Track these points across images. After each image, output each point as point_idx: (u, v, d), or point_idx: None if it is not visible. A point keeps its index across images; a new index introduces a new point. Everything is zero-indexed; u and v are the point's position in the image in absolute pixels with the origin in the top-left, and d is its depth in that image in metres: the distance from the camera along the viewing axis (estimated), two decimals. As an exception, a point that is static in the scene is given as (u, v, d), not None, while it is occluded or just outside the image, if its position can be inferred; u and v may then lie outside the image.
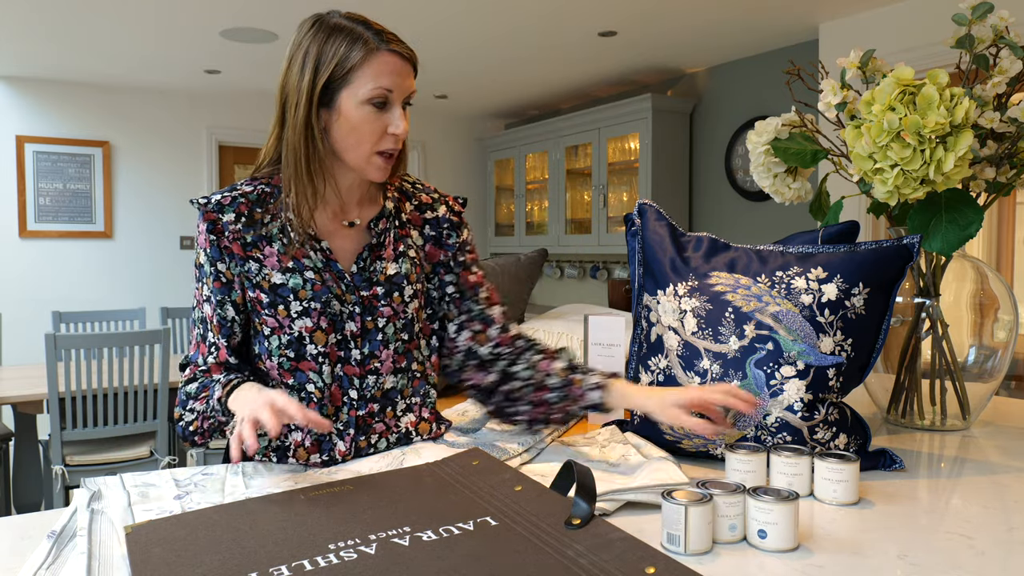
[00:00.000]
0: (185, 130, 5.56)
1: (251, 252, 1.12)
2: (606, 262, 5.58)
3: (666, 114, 4.79)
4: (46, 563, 0.78)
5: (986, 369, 1.41)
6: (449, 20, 3.82)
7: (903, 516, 0.96)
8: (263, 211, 1.14)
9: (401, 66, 1.10)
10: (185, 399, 1.13)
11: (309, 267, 1.13)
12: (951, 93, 1.16)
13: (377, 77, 1.07)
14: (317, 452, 1.14)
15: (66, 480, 3.06)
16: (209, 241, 1.11)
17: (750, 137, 1.45)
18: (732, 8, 3.67)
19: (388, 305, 1.16)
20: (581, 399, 1.18)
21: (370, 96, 1.07)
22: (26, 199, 5.08)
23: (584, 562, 0.72)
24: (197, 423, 1.11)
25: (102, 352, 3.07)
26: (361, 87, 1.07)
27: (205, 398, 1.10)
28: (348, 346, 1.14)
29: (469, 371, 1.25)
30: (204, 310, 1.14)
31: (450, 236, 1.24)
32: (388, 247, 1.18)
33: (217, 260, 1.12)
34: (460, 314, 1.24)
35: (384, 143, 1.11)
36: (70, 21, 3.82)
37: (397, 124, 1.10)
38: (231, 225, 1.11)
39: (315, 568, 0.72)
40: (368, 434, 1.17)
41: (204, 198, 1.13)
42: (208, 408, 1.09)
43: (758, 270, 1.18)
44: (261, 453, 1.16)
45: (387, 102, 1.09)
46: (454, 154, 6.58)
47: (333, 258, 1.14)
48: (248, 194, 1.14)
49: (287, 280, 1.11)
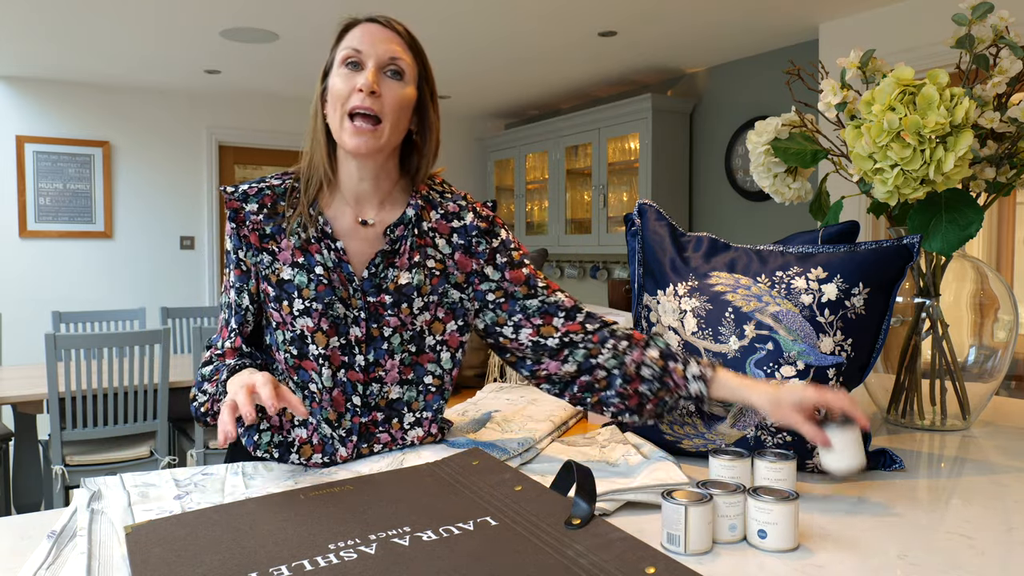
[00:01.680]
0: (185, 130, 5.56)
1: (267, 244, 1.13)
2: (606, 262, 5.58)
3: (666, 114, 4.79)
4: (46, 563, 0.78)
5: (986, 369, 1.41)
6: (449, 20, 3.82)
7: (903, 516, 0.96)
8: (287, 204, 1.15)
9: (376, 30, 1.12)
10: (200, 380, 1.14)
11: (320, 263, 1.12)
12: (951, 93, 1.16)
13: (349, 41, 1.12)
14: (321, 452, 1.14)
15: (66, 480, 3.06)
16: (232, 229, 1.14)
17: (750, 137, 1.45)
18: (732, 8, 3.66)
19: (395, 315, 1.13)
20: (680, 389, 1.10)
21: (342, 58, 1.11)
22: (26, 199, 5.08)
23: (584, 562, 0.72)
24: (208, 404, 1.12)
25: (102, 352, 3.07)
26: (338, 54, 1.12)
27: (216, 381, 1.11)
28: (352, 351, 1.13)
29: (544, 361, 1.17)
30: (230, 295, 1.16)
31: (480, 243, 1.18)
32: (403, 256, 1.14)
33: (238, 248, 1.14)
34: (513, 314, 1.17)
35: (352, 100, 1.09)
36: (70, 21, 3.82)
37: (364, 78, 1.08)
38: (252, 215, 1.13)
39: (315, 568, 0.72)
40: (371, 443, 1.15)
41: (233, 187, 1.15)
42: (217, 391, 1.10)
43: (758, 270, 1.18)
44: (263, 449, 1.15)
45: (359, 63, 1.10)
46: (454, 154, 6.58)
47: (345, 259, 1.12)
48: (275, 187, 1.16)
49: (294, 276, 1.12)
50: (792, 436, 1.11)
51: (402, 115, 1.12)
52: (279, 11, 3.65)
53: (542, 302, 1.17)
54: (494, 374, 1.90)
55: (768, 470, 0.97)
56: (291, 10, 3.62)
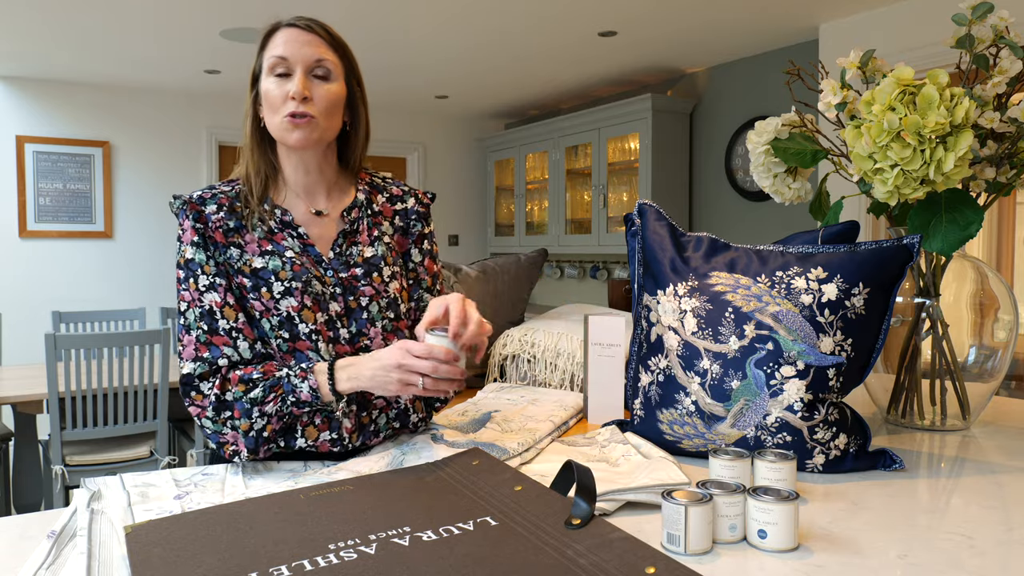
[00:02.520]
0: (185, 130, 5.56)
1: (232, 239, 1.16)
2: (606, 262, 5.58)
3: (666, 114, 4.79)
4: (46, 563, 0.78)
5: (986, 369, 1.41)
6: (449, 20, 3.82)
7: (903, 516, 0.96)
8: (243, 205, 1.19)
9: (297, 35, 1.17)
10: (249, 406, 1.08)
11: (288, 248, 1.17)
12: (951, 93, 1.16)
13: (272, 48, 1.17)
14: (327, 430, 1.14)
15: (66, 480, 3.06)
16: (196, 230, 1.15)
17: (750, 137, 1.45)
18: (732, 8, 3.67)
19: (368, 284, 1.20)
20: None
21: (270, 66, 1.16)
22: (26, 199, 5.08)
23: (584, 562, 0.72)
24: (272, 426, 1.10)
25: (102, 352, 3.07)
26: (265, 62, 1.18)
27: (278, 397, 1.08)
28: (335, 326, 1.17)
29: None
30: (205, 301, 1.13)
31: (415, 226, 1.30)
32: (363, 233, 1.23)
33: (204, 248, 1.15)
34: (410, 299, 1.27)
35: (286, 107, 1.15)
36: (70, 21, 3.82)
37: (294, 86, 1.14)
38: (214, 215, 1.16)
39: (315, 568, 0.72)
40: (369, 409, 1.19)
41: (183, 196, 1.18)
42: (285, 406, 1.09)
43: (758, 270, 1.18)
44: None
45: (287, 71, 1.16)
46: (454, 154, 6.58)
47: (310, 242, 1.19)
48: (227, 191, 1.20)
49: (267, 263, 1.15)
50: (792, 436, 1.11)
51: (334, 111, 1.19)
52: (279, 11, 3.64)
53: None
54: (494, 374, 1.90)
55: (768, 470, 0.97)
56: (291, 10, 3.61)
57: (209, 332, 1.12)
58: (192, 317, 1.13)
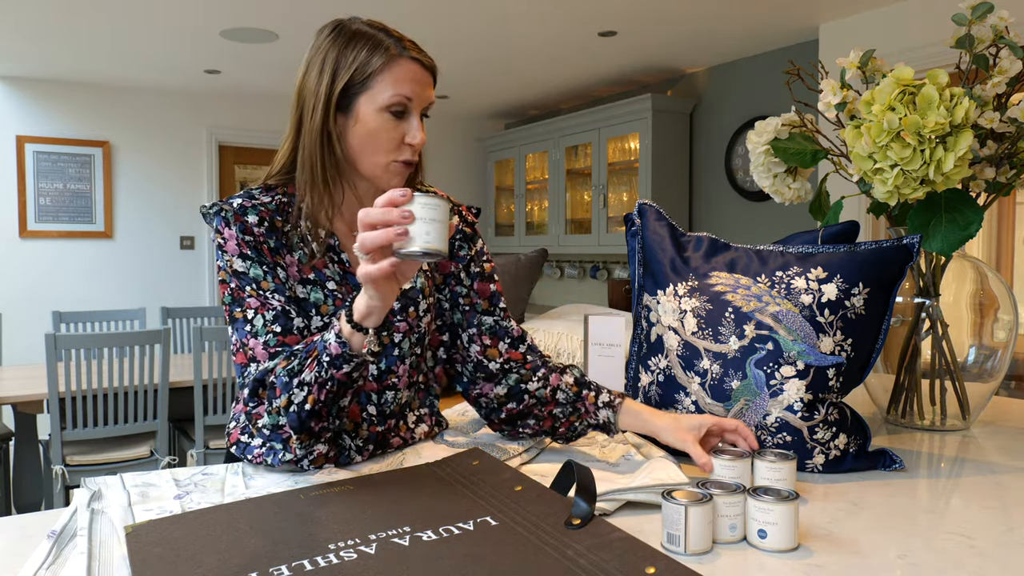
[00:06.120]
0: (185, 130, 5.56)
1: (276, 259, 1.08)
2: (606, 262, 5.58)
3: (666, 114, 4.79)
4: (46, 563, 0.78)
5: (986, 369, 1.41)
6: (449, 20, 3.82)
7: (903, 516, 0.96)
8: (283, 220, 1.10)
9: (422, 75, 1.08)
10: (288, 379, 0.98)
11: (329, 278, 1.10)
12: (951, 93, 1.16)
13: (397, 84, 1.05)
14: (336, 463, 1.09)
15: (66, 480, 3.06)
16: (245, 242, 1.05)
17: (750, 137, 1.45)
18: (732, 8, 3.67)
19: (404, 320, 1.13)
20: (589, 416, 1.17)
21: (389, 103, 1.05)
22: (26, 199, 5.08)
23: (584, 562, 0.72)
24: (314, 396, 0.97)
25: (102, 352, 3.07)
26: (380, 93, 1.05)
27: (313, 361, 0.97)
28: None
29: (480, 383, 1.21)
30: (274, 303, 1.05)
31: (461, 248, 1.21)
32: None
33: (257, 247, 1.06)
34: (471, 326, 1.20)
35: (401, 153, 1.08)
36: (70, 21, 3.82)
37: (415, 134, 1.07)
38: (256, 227, 1.07)
39: (315, 568, 0.72)
40: (386, 448, 1.15)
41: (221, 203, 1.07)
42: (322, 369, 0.96)
43: (758, 270, 1.18)
44: (277, 461, 1.08)
45: (406, 111, 1.06)
46: (454, 154, 6.58)
47: (350, 270, 1.11)
48: (267, 204, 1.09)
49: (308, 294, 1.08)
50: (792, 436, 1.11)
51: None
52: (279, 11, 3.65)
53: (496, 322, 1.21)
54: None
55: (768, 470, 0.97)
56: (291, 10, 3.61)
57: (283, 333, 1.04)
58: (260, 323, 1.04)
